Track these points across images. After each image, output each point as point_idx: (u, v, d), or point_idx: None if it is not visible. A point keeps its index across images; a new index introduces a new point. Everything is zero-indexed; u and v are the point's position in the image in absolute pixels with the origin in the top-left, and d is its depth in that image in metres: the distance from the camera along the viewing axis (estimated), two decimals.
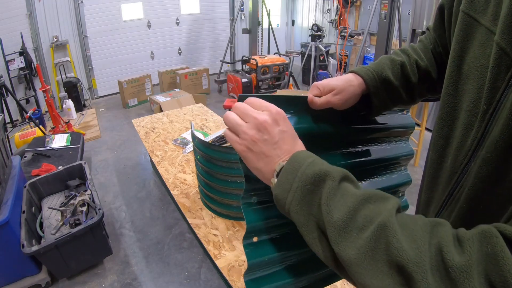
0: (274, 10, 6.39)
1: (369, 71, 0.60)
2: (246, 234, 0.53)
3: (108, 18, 4.92)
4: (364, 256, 0.35)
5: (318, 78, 4.99)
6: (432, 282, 0.31)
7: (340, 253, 0.37)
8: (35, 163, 2.52)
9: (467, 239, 0.33)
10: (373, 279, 0.35)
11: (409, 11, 4.14)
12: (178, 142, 2.29)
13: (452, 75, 0.48)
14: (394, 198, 0.39)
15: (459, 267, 0.31)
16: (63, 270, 1.85)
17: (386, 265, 0.34)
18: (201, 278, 1.97)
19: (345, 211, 0.38)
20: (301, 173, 0.41)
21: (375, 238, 0.35)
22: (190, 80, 5.07)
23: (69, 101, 4.16)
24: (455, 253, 0.32)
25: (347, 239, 0.37)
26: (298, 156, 0.43)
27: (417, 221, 0.36)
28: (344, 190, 0.40)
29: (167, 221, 2.45)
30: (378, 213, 0.36)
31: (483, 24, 0.43)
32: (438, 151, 0.52)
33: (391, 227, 0.35)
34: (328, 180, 0.40)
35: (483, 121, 0.41)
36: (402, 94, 0.64)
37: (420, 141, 3.07)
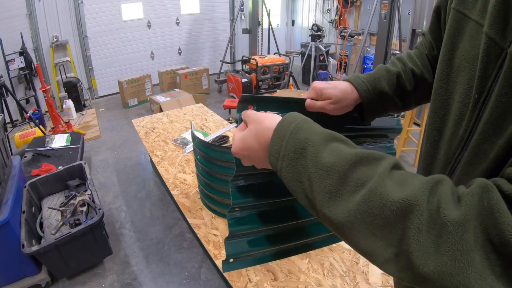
0: (274, 10, 6.40)
1: (364, 83, 0.64)
2: (230, 208, 0.65)
3: (108, 18, 4.92)
4: (355, 219, 0.36)
5: (318, 78, 4.99)
6: (427, 237, 0.31)
7: (332, 216, 0.38)
8: (35, 163, 2.52)
9: (466, 194, 0.32)
10: (365, 240, 0.35)
11: (409, 11, 4.15)
12: (178, 142, 2.29)
13: (444, 69, 0.50)
14: (388, 157, 0.38)
15: (456, 222, 0.31)
16: (63, 270, 1.85)
17: (379, 228, 0.34)
18: (201, 278, 1.97)
19: (335, 175, 0.38)
20: (285, 142, 0.43)
21: (366, 202, 0.35)
22: (190, 80, 5.07)
23: (69, 101, 4.16)
24: (454, 209, 0.32)
25: (338, 203, 0.37)
26: (281, 125, 0.45)
27: (416, 178, 0.36)
28: (333, 150, 0.40)
29: (167, 221, 2.45)
30: (370, 176, 0.36)
31: (472, 19, 0.44)
32: (431, 144, 0.53)
33: (382, 189, 0.35)
34: (309, 147, 0.41)
35: (474, 110, 0.42)
36: (397, 102, 0.68)
37: (420, 141, 3.07)
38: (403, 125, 3.07)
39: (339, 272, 1.23)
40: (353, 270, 1.23)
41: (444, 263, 0.30)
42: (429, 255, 0.31)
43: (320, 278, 1.20)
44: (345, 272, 1.23)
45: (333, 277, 1.21)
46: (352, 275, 1.21)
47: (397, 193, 0.34)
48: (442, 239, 0.31)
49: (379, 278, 1.20)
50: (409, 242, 0.32)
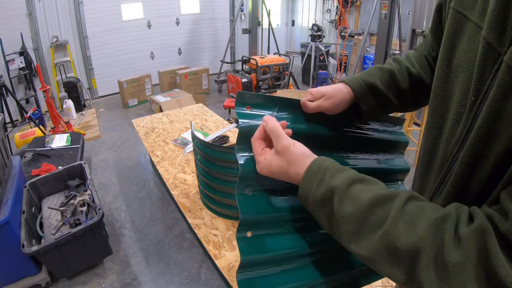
0: (274, 10, 6.39)
1: (356, 79, 0.66)
2: (239, 226, 0.52)
3: (108, 18, 4.92)
4: (375, 254, 0.43)
5: (318, 78, 4.99)
6: (432, 273, 0.38)
7: (355, 250, 0.46)
8: (35, 163, 2.52)
9: (465, 238, 0.37)
10: (386, 268, 0.43)
11: (409, 11, 4.15)
12: (178, 142, 2.29)
13: (443, 69, 0.50)
14: (400, 195, 0.44)
15: (456, 263, 0.36)
16: (63, 270, 1.85)
17: (395, 262, 0.41)
18: (201, 278, 1.97)
19: (356, 220, 0.45)
20: (312, 194, 0.49)
21: (382, 243, 0.42)
22: (190, 80, 5.07)
23: (69, 101, 4.16)
24: (454, 250, 0.37)
25: (360, 240, 0.44)
26: (308, 175, 0.50)
27: (425, 217, 0.41)
28: (353, 196, 0.46)
29: (167, 221, 2.45)
30: (384, 218, 0.42)
31: (471, 20, 0.45)
32: (431, 141, 0.54)
33: (394, 233, 0.41)
34: (335, 196, 0.47)
35: (471, 111, 0.43)
36: (392, 100, 0.68)
37: (420, 141, 3.07)
38: (403, 125, 3.06)
39: None
40: None
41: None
42: (436, 284, 0.38)
43: None
44: None
45: None
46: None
47: (407, 237, 0.40)
48: (445, 275, 0.37)
49: None
50: (420, 275, 0.39)
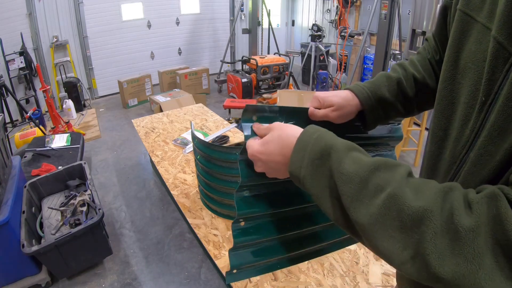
0: (274, 10, 6.39)
1: (365, 91, 0.66)
2: (235, 219, 0.63)
3: (108, 18, 4.92)
4: (375, 221, 0.39)
5: (318, 78, 4.99)
6: (442, 241, 0.35)
7: (355, 218, 0.41)
8: (35, 163, 2.52)
9: (476, 202, 0.35)
10: (384, 242, 0.39)
11: (409, 11, 4.14)
12: (178, 142, 2.29)
13: (449, 70, 0.50)
14: (403, 166, 0.42)
15: (468, 228, 0.34)
16: (63, 270, 1.85)
17: (397, 230, 0.38)
18: (201, 278, 1.97)
19: (357, 180, 0.41)
20: (309, 150, 0.46)
21: (386, 206, 0.39)
22: (190, 80, 5.07)
23: (69, 101, 4.16)
24: (465, 215, 0.34)
25: (360, 206, 0.41)
26: (305, 134, 0.48)
27: (430, 186, 0.39)
28: (354, 158, 0.44)
29: (167, 221, 2.45)
30: (388, 182, 0.40)
31: (479, 21, 0.44)
32: (436, 143, 0.53)
33: (401, 195, 0.38)
34: (333, 152, 0.44)
35: (481, 112, 0.43)
36: (399, 108, 0.69)
37: (420, 141, 3.08)
38: (403, 125, 3.07)
39: (339, 272, 1.23)
40: (353, 270, 1.23)
41: (458, 264, 0.34)
42: (445, 257, 0.34)
43: (320, 278, 1.20)
44: (345, 272, 1.23)
45: (333, 277, 1.21)
46: (352, 275, 1.21)
47: (413, 200, 0.37)
48: (455, 243, 0.34)
49: (379, 278, 1.20)
50: (426, 245, 0.35)
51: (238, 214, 0.62)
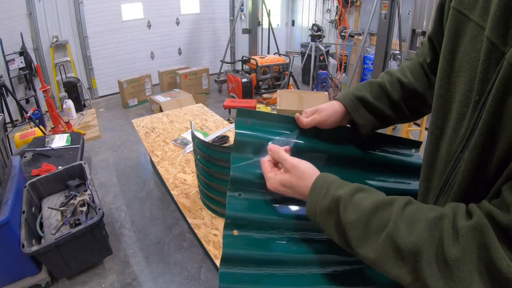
0: (274, 10, 6.39)
1: (346, 95, 0.71)
2: (226, 223, 0.57)
3: (108, 18, 4.92)
4: (381, 255, 0.46)
5: (318, 78, 4.99)
6: (435, 268, 0.41)
7: (363, 254, 0.49)
8: (35, 163, 2.52)
9: (462, 234, 0.40)
10: (391, 270, 0.46)
11: (409, 11, 4.14)
12: (178, 142, 2.29)
13: (445, 69, 0.50)
14: (398, 201, 0.48)
15: (455, 257, 0.39)
16: (63, 270, 1.85)
17: (400, 261, 0.44)
18: (201, 278, 1.97)
19: (360, 226, 0.48)
20: (319, 205, 0.53)
21: (386, 243, 0.45)
22: (190, 80, 5.07)
23: (69, 101, 4.16)
24: (452, 246, 0.40)
25: (366, 245, 0.48)
26: (315, 188, 0.54)
27: (422, 218, 0.44)
28: (356, 204, 0.50)
29: (167, 221, 2.45)
30: (386, 221, 0.46)
31: (472, 20, 0.45)
32: (433, 142, 0.54)
33: (396, 234, 0.44)
34: (340, 204, 0.51)
35: (475, 110, 0.43)
36: (386, 111, 0.70)
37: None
38: (403, 125, 3.06)
39: None
40: None
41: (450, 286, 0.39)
42: (439, 280, 0.40)
43: None
44: None
45: None
46: None
47: (408, 236, 0.43)
48: (446, 269, 0.40)
49: None
50: (423, 272, 0.42)
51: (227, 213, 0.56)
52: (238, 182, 0.59)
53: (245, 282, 0.56)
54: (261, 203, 0.60)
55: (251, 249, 0.57)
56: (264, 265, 0.57)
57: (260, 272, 0.57)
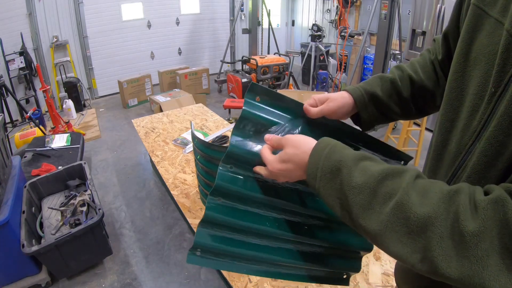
0: (274, 10, 6.39)
1: (357, 88, 0.69)
2: (213, 191, 0.60)
3: (108, 18, 4.92)
4: (385, 228, 0.42)
5: (318, 78, 4.99)
6: (448, 245, 0.37)
7: (366, 226, 0.44)
8: (35, 163, 2.52)
9: (482, 207, 0.36)
10: (394, 247, 0.42)
11: (409, 11, 4.14)
12: (178, 142, 2.29)
13: (460, 62, 0.51)
14: (410, 170, 0.45)
15: (472, 232, 0.36)
16: (63, 270, 1.85)
17: (406, 236, 0.40)
18: (201, 278, 1.97)
19: (367, 191, 0.44)
20: (321, 165, 0.50)
21: (394, 213, 0.41)
22: (190, 80, 5.07)
23: (69, 101, 4.16)
24: (471, 220, 0.36)
25: (371, 214, 0.44)
26: (316, 150, 0.52)
27: (436, 189, 0.41)
28: (363, 169, 0.46)
29: (167, 221, 2.45)
30: (396, 189, 0.42)
31: (492, 16, 0.45)
32: (443, 134, 0.54)
33: (407, 203, 0.41)
34: (343, 168, 0.47)
35: (490, 102, 0.44)
36: (393, 108, 0.70)
37: (420, 141, 3.07)
38: (403, 125, 3.06)
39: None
40: None
41: (463, 266, 0.36)
42: (451, 258, 0.37)
43: None
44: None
45: None
46: (352, 275, 1.21)
47: (419, 206, 0.40)
48: (461, 246, 0.36)
49: (379, 278, 1.20)
50: (432, 249, 0.38)
51: (216, 183, 0.60)
52: (234, 157, 0.61)
53: (217, 241, 0.63)
54: (248, 179, 0.63)
55: (230, 216, 0.62)
56: (238, 232, 0.64)
57: (233, 237, 0.64)
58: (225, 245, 0.64)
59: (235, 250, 0.65)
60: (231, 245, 0.64)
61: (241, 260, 0.66)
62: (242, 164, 0.62)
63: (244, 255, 0.66)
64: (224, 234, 0.63)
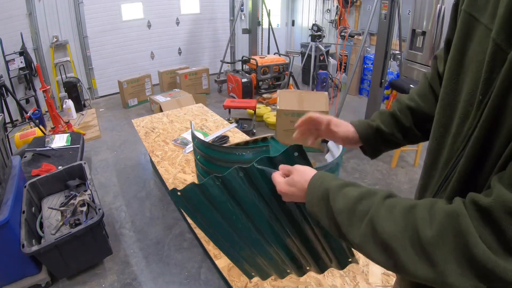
0: (274, 10, 6.39)
1: (361, 122, 0.78)
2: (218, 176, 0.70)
3: (108, 18, 4.92)
4: (364, 240, 0.49)
5: (318, 78, 4.99)
6: (411, 253, 0.43)
7: (351, 239, 0.52)
8: (35, 163, 2.52)
9: (438, 220, 0.42)
10: (373, 255, 0.49)
11: (409, 11, 4.14)
12: (178, 142, 2.29)
13: (453, 68, 0.52)
14: (382, 191, 0.52)
15: (430, 242, 0.41)
16: (63, 270, 1.85)
17: (380, 246, 0.47)
18: (201, 278, 1.97)
19: (346, 212, 0.53)
20: (315, 195, 0.59)
21: (369, 227, 0.49)
22: (190, 80, 5.07)
23: (69, 101, 4.16)
24: (427, 229, 0.42)
25: (352, 229, 0.51)
26: (312, 181, 0.61)
27: (400, 206, 0.47)
28: (344, 194, 0.55)
29: (167, 221, 2.45)
30: (369, 207, 0.50)
31: (482, 23, 0.46)
32: (437, 139, 0.56)
33: (377, 219, 0.48)
34: (330, 195, 0.56)
35: (478, 109, 0.45)
36: (397, 138, 0.76)
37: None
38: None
39: (339, 272, 1.23)
40: (353, 270, 1.23)
41: (428, 270, 0.41)
42: (417, 264, 0.42)
43: (320, 278, 1.21)
44: (345, 272, 1.23)
45: (333, 277, 1.21)
46: (352, 275, 1.21)
47: (386, 221, 0.47)
48: (422, 253, 0.42)
49: (379, 278, 1.20)
50: (400, 257, 0.44)
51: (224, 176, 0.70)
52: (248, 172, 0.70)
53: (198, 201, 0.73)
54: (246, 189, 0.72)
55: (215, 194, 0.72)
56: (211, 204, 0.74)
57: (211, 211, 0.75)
58: (198, 204, 0.74)
59: (203, 212, 0.76)
60: (202, 208, 0.75)
61: (203, 220, 0.78)
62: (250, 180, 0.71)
63: (206, 219, 0.78)
64: (203, 199, 0.73)
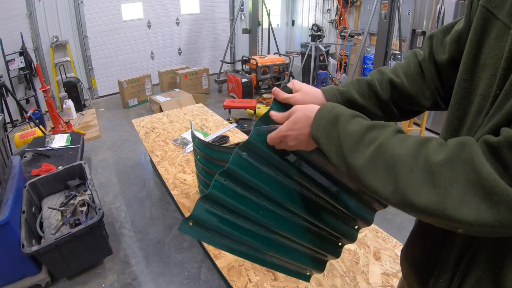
0: (274, 10, 6.39)
1: (332, 89, 0.71)
2: (222, 172, 0.65)
3: (108, 18, 4.92)
4: (367, 163, 0.49)
5: (318, 78, 4.99)
6: (417, 176, 0.43)
7: (352, 162, 0.52)
8: (35, 163, 2.52)
9: (449, 146, 0.42)
10: (372, 181, 0.49)
11: (409, 11, 4.14)
12: (178, 142, 2.29)
13: (469, 63, 0.52)
14: (393, 126, 0.52)
15: (438, 163, 0.41)
16: (63, 270, 1.85)
17: (382, 170, 0.47)
18: (201, 278, 1.97)
19: (357, 135, 0.53)
20: (324, 118, 0.58)
21: (375, 152, 0.49)
22: (190, 80, 5.07)
23: (69, 101, 4.16)
24: (438, 153, 0.42)
25: (357, 152, 0.52)
26: (323, 107, 0.60)
27: (413, 137, 0.48)
28: (357, 121, 0.55)
29: (167, 221, 2.45)
30: (379, 136, 0.50)
31: (500, 19, 0.46)
32: (451, 132, 0.56)
33: (387, 145, 0.48)
34: (341, 118, 0.56)
35: (493, 103, 0.45)
36: (372, 110, 0.71)
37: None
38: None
39: (339, 272, 1.23)
40: (353, 270, 1.23)
41: (428, 193, 0.41)
42: (418, 187, 0.42)
43: (320, 278, 1.21)
44: (345, 272, 1.23)
45: (333, 277, 1.21)
46: (352, 275, 1.21)
47: (397, 149, 0.47)
48: (428, 175, 0.42)
49: (379, 278, 1.20)
50: (403, 181, 0.44)
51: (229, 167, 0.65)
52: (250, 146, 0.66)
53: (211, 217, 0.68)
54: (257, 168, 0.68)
55: (229, 197, 0.67)
56: (232, 213, 0.70)
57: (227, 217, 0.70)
58: (217, 222, 0.69)
59: (224, 229, 0.70)
60: (222, 223, 0.69)
61: (227, 238, 0.72)
62: (256, 155, 0.67)
63: (231, 235, 0.71)
64: (219, 213, 0.68)
